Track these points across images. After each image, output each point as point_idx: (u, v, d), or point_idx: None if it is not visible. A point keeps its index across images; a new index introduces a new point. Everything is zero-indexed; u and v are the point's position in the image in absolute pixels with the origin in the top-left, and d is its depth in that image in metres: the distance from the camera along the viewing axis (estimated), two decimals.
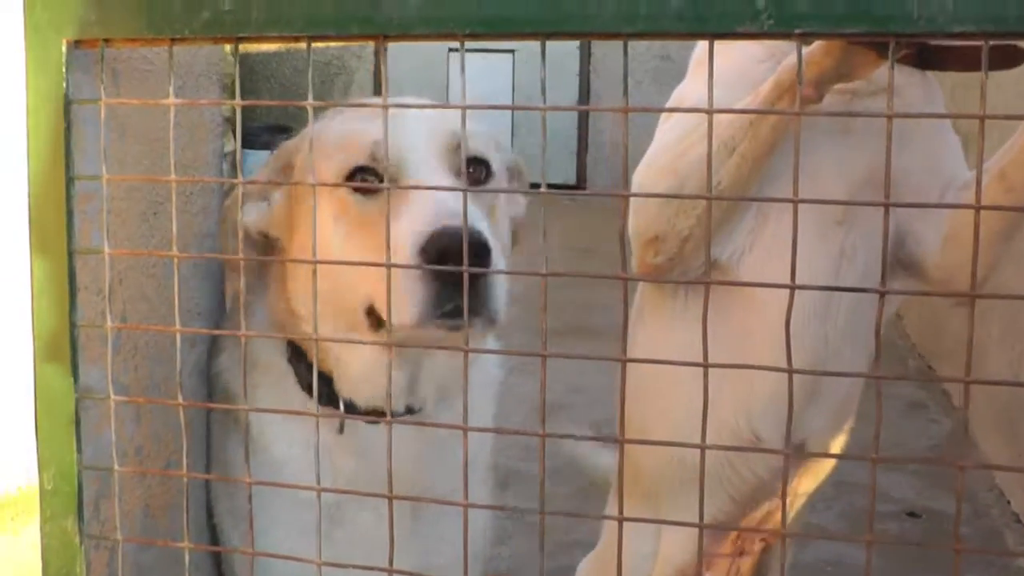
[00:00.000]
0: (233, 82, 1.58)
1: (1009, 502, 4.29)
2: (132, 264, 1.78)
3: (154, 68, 1.79)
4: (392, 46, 1.37)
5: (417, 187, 1.69)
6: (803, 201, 1.30)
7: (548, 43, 1.30)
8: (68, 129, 1.53)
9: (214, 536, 2.09)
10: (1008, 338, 4.12)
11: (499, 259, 1.62)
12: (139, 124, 1.77)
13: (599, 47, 11.01)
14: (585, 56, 11.21)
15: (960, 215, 1.90)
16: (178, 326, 1.53)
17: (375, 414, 1.85)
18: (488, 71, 10.71)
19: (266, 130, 11.03)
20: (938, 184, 1.90)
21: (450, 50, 11.08)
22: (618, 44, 1.27)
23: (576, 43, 11.02)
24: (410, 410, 1.89)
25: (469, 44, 1.33)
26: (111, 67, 1.68)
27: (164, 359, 1.86)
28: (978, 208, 1.25)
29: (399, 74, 10.49)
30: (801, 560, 3.71)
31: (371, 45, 11.45)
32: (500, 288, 1.62)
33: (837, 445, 2.03)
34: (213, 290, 2.02)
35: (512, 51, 11.01)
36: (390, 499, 1.47)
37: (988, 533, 4.10)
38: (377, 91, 11.43)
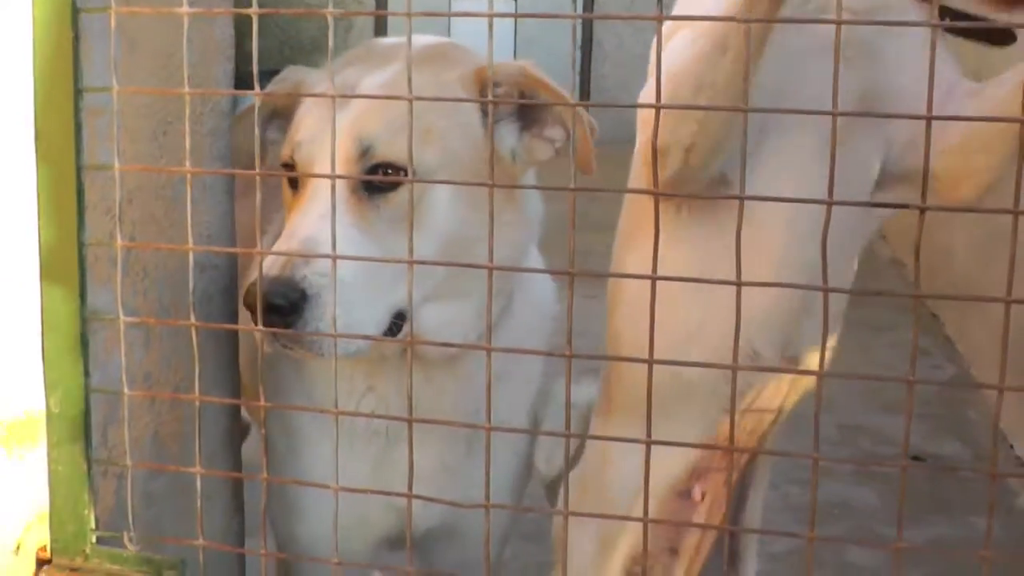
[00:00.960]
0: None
1: (1012, 446, 4.25)
2: (142, 184, 1.72)
3: None
4: None
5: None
6: (843, 114, 1.24)
7: None
8: (76, 39, 1.46)
9: (237, 463, 2.06)
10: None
11: (330, 297, 1.62)
12: (149, 38, 1.70)
13: None
14: (588, 5, 11.08)
15: (969, 123, 1.82)
16: (191, 245, 1.47)
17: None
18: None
19: (263, 75, 10.96)
20: (937, 94, 1.82)
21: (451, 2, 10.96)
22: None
23: None
24: None
25: None
26: None
27: (173, 284, 1.80)
28: None
29: (399, 18, 10.30)
30: (807, 502, 3.68)
31: None
32: (326, 321, 1.63)
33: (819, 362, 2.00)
34: (224, 214, 1.95)
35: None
36: (410, 422, 1.44)
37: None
38: (379, 34, 11.32)
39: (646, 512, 1.37)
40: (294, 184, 1.80)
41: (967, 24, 1.74)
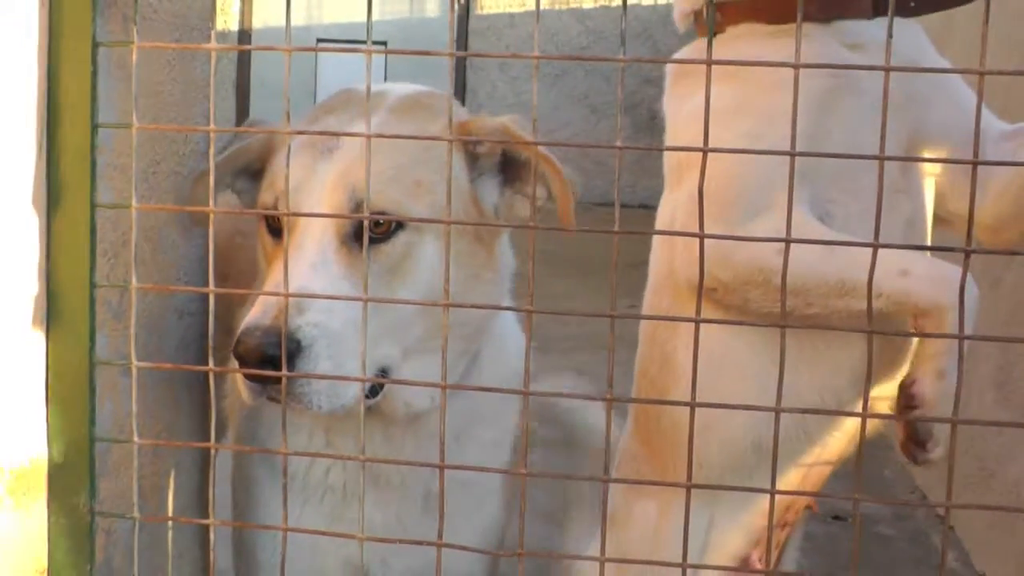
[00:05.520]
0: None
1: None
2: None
3: (156, 17, 1.78)
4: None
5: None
6: (890, 159, 1.34)
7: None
8: (95, 74, 1.49)
9: (205, 517, 2.07)
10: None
11: (324, 349, 1.68)
12: (143, 75, 1.74)
13: (473, 41, 11.10)
14: (462, 48, 11.26)
15: (1009, 169, 1.94)
16: (212, 286, 1.50)
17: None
18: (359, 65, 10.58)
19: None
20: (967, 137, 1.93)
21: (319, 40, 10.99)
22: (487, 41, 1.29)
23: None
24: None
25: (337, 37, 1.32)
26: (120, 13, 1.64)
27: (155, 329, 1.83)
28: None
29: (263, 71, 10.46)
30: None
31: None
32: (321, 373, 1.68)
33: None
34: (201, 258, 1.98)
35: (384, 43, 10.97)
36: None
37: (914, 534, 4.20)
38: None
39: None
40: (275, 233, 1.83)
41: None
